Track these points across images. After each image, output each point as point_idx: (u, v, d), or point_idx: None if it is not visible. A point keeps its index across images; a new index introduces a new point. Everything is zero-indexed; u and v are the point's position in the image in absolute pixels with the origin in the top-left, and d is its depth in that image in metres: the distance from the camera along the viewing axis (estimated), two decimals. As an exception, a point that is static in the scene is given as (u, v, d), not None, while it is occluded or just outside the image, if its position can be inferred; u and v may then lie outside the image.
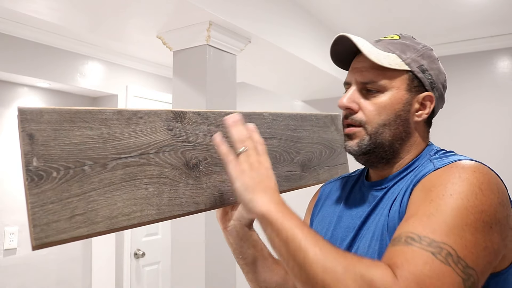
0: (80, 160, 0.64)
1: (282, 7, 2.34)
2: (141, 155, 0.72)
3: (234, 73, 2.12)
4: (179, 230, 1.99)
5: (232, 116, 0.78)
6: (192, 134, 0.82)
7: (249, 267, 0.94)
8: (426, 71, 0.82)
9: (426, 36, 2.92)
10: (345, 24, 2.77)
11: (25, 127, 0.60)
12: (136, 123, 0.73)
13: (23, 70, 2.57)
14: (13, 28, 2.48)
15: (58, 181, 0.61)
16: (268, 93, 3.59)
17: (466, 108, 2.97)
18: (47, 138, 0.61)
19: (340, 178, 1.02)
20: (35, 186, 0.59)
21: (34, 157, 0.59)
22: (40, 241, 0.58)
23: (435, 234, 0.61)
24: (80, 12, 1.90)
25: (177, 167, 0.78)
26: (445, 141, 2.92)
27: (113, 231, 0.67)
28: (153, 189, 0.73)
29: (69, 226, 0.61)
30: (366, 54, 0.78)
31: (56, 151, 0.62)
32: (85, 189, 0.64)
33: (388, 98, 0.80)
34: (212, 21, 1.89)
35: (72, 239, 0.62)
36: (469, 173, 0.67)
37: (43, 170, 0.60)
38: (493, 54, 2.92)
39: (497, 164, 1.66)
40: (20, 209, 2.74)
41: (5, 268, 2.63)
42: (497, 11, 2.52)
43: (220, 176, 0.85)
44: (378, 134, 0.80)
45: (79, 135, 0.65)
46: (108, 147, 0.68)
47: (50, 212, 0.59)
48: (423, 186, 0.71)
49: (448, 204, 0.64)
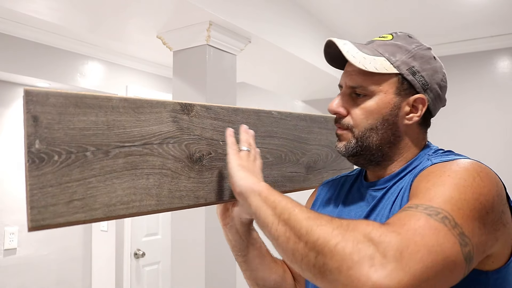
0: (83, 146, 0.63)
1: (282, 7, 2.34)
2: (144, 145, 0.72)
3: (234, 73, 2.12)
4: (179, 230, 1.99)
5: (246, 127, 0.86)
6: (198, 127, 0.81)
7: (247, 264, 0.93)
8: (417, 73, 0.80)
9: (426, 36, 2.92)
10: (345, 24, 2.77)
11: (30, 108, 0.59)
12: (142, 113, 0.72)
13: (23, 70, 2.57)
14: (13, 28, 2.48)
15: (59, 165, 0.60)
16: (268, 93, 3.59)
17: (466, 108, 2.97)
18: (51, 121, 0.61)
19: (338, 178, 1.01)
20: (36, 168, 0.58)
21: (37, 139, 0.59)
22: (36, 223, 0.58)
23: (432, 201, 0.60)
24: (80, 12, 1.90)
25: (180, 159, 0.77)
26: (445, 141, 2.92)
27: (110, 219, 0.67)
28: (154, 179, 0.72)
29: (67, 210, 0.61)
30: (350, 60, 0.78)
31: (59, 134, 0.61)
32: (85, 174, 0.63)
33: (375, 102, 0.80)
34: (212, 21, 1.89)
35: (69, 223, 0.62)
36: (465, 168, 0.67)
37: (45, 153, 0.59)
38: (493, 54, 2.92)
39: (497, 164, 1.66)
40: (20, 209, 2.74)
41: (5, 268, 2.63)
42: (497, 11, 2.52)
43: (222, 172, 0.85)
44: (365, 137, 0.81)
45: (83, 120, 0.64)
46: (112, 134, 0.68)
47: (48, 195, 0.59)
48: (421, 176, 0.71)
49: (446, 181, 0.64)
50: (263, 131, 0.95)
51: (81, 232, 3.14)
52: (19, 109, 2.80)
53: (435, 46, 3.03)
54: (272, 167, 0.96)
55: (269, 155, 0.96)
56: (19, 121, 2.78)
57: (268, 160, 0.96)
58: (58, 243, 2.95)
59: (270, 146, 0.96)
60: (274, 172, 0.97)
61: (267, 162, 0.95)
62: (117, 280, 3.11)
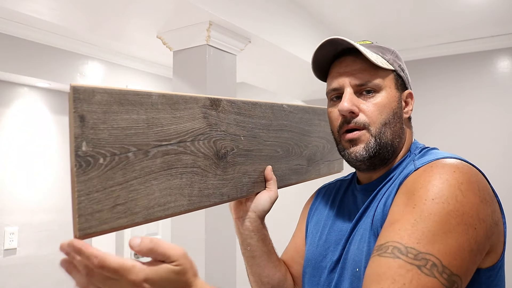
0: (125, 146, 0.60)
1: (282, 7, 2.34)
2: (179, 143, 0.69)
3: (234, 73, 2.12)
4: (179, 229, 1.99)
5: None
6: (224, 123, 0.80)
7: (254, 260, 0.94)
8: (404, 70, 0.85)
9: (427, 36, 2.92)
10: (344, 24, 2.77)
11: (78, 107, 0.54)
12: (178, 109, 0.70)
13: (23, 70, 2.57)
14: (13, 28, 2.48)
15: (104, 168, 0.57)
16: (268, 93, 3.59)
17: (465, 108, 2.96)
18: (97, 121, 0.57)
19: (334, 182, 1.03)
20: (83, 173, 0.54)
21: (84, 141, 0.55)
22: (83, 232, 0.55)
23: (420, 244, 0.62)
24: (80, 12, 1.90)
25: (209, 156, 0.75)
26: (444, 142, 2.92)
27: (149, 222, 0.64)
28: (186, 178, 0.70)
29: (111, 216, 0.58)
30: (366, 54, 0.79)
31: (104, 135, 0.57)
32: (127, 177, 0.60)
33: (385, 97, 0.81)
34: (212, 21, 1.89)
35: (112, 229, 0.59)
36: (448, 173, 0.68)
37: (91, 156, 0.55)
38: (493, 54, 2.92)
39: (497, 165, 1.67)
40: (20, 209, 2.74)
41: (5, 268, 2.63)
42: (497, 11, 2.52)
43: (243, 168, 0.84)
44: (382, 134, 0.80)
45: (126, 119, 0.61)
46: (151, 133, 0.65)
47: (94, 202, 0.55)
48: (406, 188, 0.71)
49: (430, 210, 0.64)
50: (276, 125, 0.95)
51: (81, 232, 3.14)
52: (20, 109, 2.80)
53: (435, 46, 3.04)
54: (281, 160, 0.96)
55: (280, 149, 0.96)
56: (19, 121, 2.78)
57: (279, 153, 0.95)
58: (58, 243, 2.94)
59: (280, 140, 0.96)
60: (283, 165, 0.97)
61: (277, 155, 0.95)
62: (117, 280, 3.11)
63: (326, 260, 0.86)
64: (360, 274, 0.74)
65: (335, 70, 0.85)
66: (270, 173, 0.91)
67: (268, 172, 0.91)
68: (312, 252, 0.91)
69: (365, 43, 0.87)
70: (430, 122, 3.01)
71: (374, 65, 0.80)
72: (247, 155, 0.85)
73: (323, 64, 0.88)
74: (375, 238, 0.73)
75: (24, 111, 2.83)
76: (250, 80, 3.12)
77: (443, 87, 3.02)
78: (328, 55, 0.86)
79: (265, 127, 0.92)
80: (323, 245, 0.89)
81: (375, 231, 0.74)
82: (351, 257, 0.79)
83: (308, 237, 0.97)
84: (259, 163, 0.89)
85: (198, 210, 0.75)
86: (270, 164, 0.92)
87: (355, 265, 0.76)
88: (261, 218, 0.91)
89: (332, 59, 0.87)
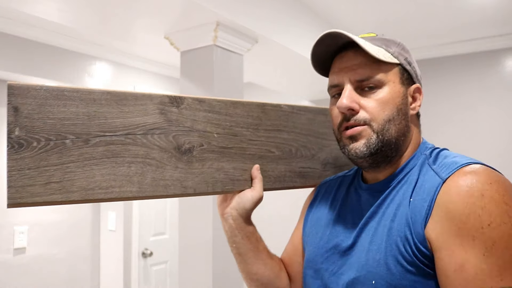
0: (61, 134, 0.69)
1: (288, 7, 2.34)
2: (127, 135, 0.75)
3: (241, 73, 2.12)
4: (186, 229, 2.00)
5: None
6: (188, 119, 0.83)
7: (241, 257, 0.93)
8: (411, 63, 0.81)
9: (433, 35, 2.90)
10: (351, 24, 2.76)
11: (11, 100, 0.66)
12: (126, 105, 0.76)
13: (32, 71, 2.59)
14: (21, 29, 2.50)
15: (37, 150, 0.67)
16: (275, 93, 3.59)
17: (471, 109, 2.93)
18: (31, 111, 0.67)
19: (335, 178, 0.99)
20: (15, 152, 0.65)
21: (17, 127, 0.65)
22: (13, 201, 0.64)
23: (504, 280, 0.61)
24: (88, 13, 1.91)
25: (167, 150, 0.79)
26: (451, 143, 2.90)
27: (88, 202, 0.71)
28: (136, 168, 0.75)
29: (44, 191, 0.67)
30: (365, 47, 0.74)
31: (39, 123, 0.67)
32: (63, 160, 0.69)
33: (387, 92, 0.77)
34: (219, 22, 1.89)
35: (46, 203, 0.67)
36: (487, 187, 0.65)
37: (24, 139, 0.66)
38: (500, 54, 2.89)
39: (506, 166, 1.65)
40: (30, 209, 2.77)
41: (15, 267, 2.66)
42: (505, 9, 2.49)
43: (216, 164, 0.86)
44: (385, 130, 0.76)
45: (63, 111, 0.70)
46: (93, 124, 0.72)
47: (26, 177, 0.65)
48: (448, 212, 0.67)
49: (493, 238, 0.63)
50: (269, 125, 0.94)
51: (89, 232, 3.16)
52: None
53: (439, 45, 3.02)
54: (279, 161, 0.95)
55: (275, 149, 0.95)
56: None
57: (274, 154, 0.95)
58: (67, 243, 2.98)
59: (277, 140, 0.95)
60: (281, 166, 0.96)
61: (272, 156, 0.94)
62: (125, 280, 3.12)
63: (328, 263, 0.83)
64: (376, 286, 0.71)
65: (336, 66, 0.81)
66: (255, 171, 0.90)
67: (254, 171, 0.90)
68: (313, 253, 0.88)
69: (370, 35, 0.83)
70: (437, 122, 2.99)
71: (376, 59, 0.76)
72: (223, 152, 0.87)
73: (324, 59, 0.84)
74: (397, 251, 0.70)
75: (33, 111, 2.85)
76: (257, 80, 3.12)
77: (450, 87, 3.00)
78: (329, 50, 0.82)
79: (252, 126, 0.92)
80: (324, 246, 0.85)
81: (397, 246, 0.71)
82: (362, 267, 0.75)
83: (308, 236, 0.94)
84: (242, 161, 0.90)
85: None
86: (260, 164, 0.92)
87: (370, 276, 0.72)
88: (244, 216, 0.89)
89: (334, 54, 0.83)
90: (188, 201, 1.99)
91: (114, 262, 3.15)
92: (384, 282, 0.70)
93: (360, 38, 0.80)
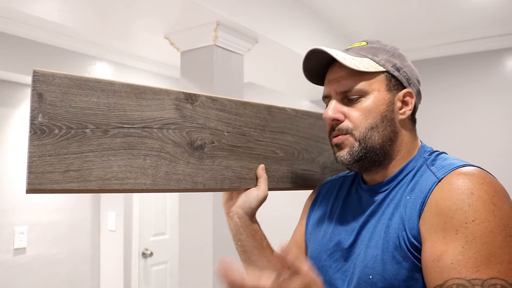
0: (82, 123, 0.69)
1: (289, 7, 2.34)
2: (144, 128, 0.76)
3: (241, 73, 2.12)
4: (186, 230, 2.00)
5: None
6: (201, 117, 0.85)
7: (246, 254, 0.95)
8: (401, 69, 0.84)
9: (433, 35, 2.90)
10: (351, 24, 2.76)
11: (36, 86, 0.66)
12: (144, 98, 0.77)
13: (32, 71, 2.59)
14: (21, 29, 2.50)
15: (58, 138, 0.67)
16: (275, 93, 3.58)
17: (472, 110, 2.93)
18: (55, 99, 0.67)
19: (337, 178, 1.02)
20: (37, 138, 0.65)
21: (40, 113, 0.66)
22: (32, 187, 0.64)
23: (479, 272, 0.63)
24: (88, 13, 1.91)
25: (180, 145, 0.81)
26: (451, 143, 2.90)
27: (104, 191, 0.72)
28: (151, 161, 0.76)
29: (62, 179, 0.67)
30: (342, 61, 0.79)
31: (61, 111, 0.68)
32: (83, 149, 0.69)
33: (371, 101, 0.80)
34: (219, 22, 1.89)
35: (64, 190, 0.67)
36: (477, 187, 0.68)
37: (46, 126, 0.66)
38: (500, 54, 2.89)
39: (506, 166, 1.65)
40: (30, 209, 2.77)
41: (15, 267, 2.66)
42: (505, 9, 2.49)
43: (225, 161, 0.87)
44: (367, 138, 0.80)
45: (85, 100, 0.70)
46: (112, 115, 0.73)
47: (46, 164, 0.65)
48: (437, 208, 0.70)
49: (475, 233, 0.65)
50: (274, 127, 0.97)
51: (89, 232, 3.16)
52: (28, 109, 2.82)
53: (441, 45, 3.01)
54: (282, 162, 0.98)
55: (280, 151, 0.98)
56: (28, 121, 2.80)
57: (278, 155, 0.97)
58: (67, 243, 2.98)
59: (281, 142, 0.98)
60: (284, 167, 0.98)
61: (276, 157, 0.97)
62: (125, 280, 3.12)
63: (331, 261, 0.86)
64: (373, 281, 0.74)
65: (327, 77, 0.87)
66: (260, 171, 0.93)
67: (259, 170, 0.93)
68: (317, 250, 0.91)
69: (359, 45, 0.87)
70: (436, 122, 2.99)
71: (357, 70, 0.80)
72: (232, 150, 0.89)
73: (318, 71, 0.89)
74: (392, 247, 0.73)
75: (33, 111, 2.85)
76: (257, 80, 3.12)
77: (450, 87, 3.00)
78: (322, 62, 0.87)
79: (259, 127, 0.95)
80: (326, 244, 0.88)
81: (393, 242, 0.74)
82: (361, 262, 0.78)
83: (311, 234, 0.97)
84: (249, 161, 0.92)
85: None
86: (265, 164, 0.94)
87: (368, 272, 0.75)
88: (249, 214, 0.92)
89: (328, 64, 0.88)
90: (188, 201, 1.99)
91: (114, 262, 3.15)
92: (380, 277, 0.73)
93: (347, 50, 0.86)
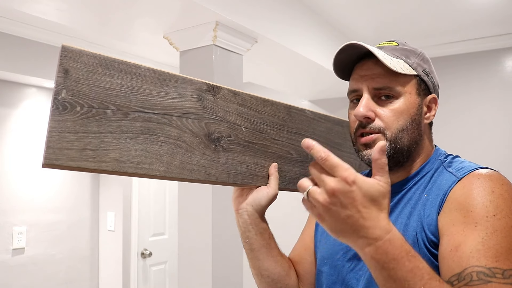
0: (104, 103, 0.69)
1: (288, 7, 2.34)
2: (164, 115, 0.76)
3: (241, 73, 2.12)
4: (185, 230, 2.00)
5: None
6: (221, 109, 0.85)
7: (253, 253, 0.95)
8: (429, 74, 0.85)
9: (433, 35, 2.90)
10: (351, 24, 2.76)
11: (63, 62, 0.66)
12: (168, 85, 0.77)
13: (31, 71, 2.59)
14: (20, 29, 2.50)
15: (79, 116, 0.67)
16: (275, 93, 3.58)
17: (471, 109, 2.93)
18: (80, 76, 0.67)
19: None
20: (58, 114, 0.65)
21: (64, 89, 0.65)
22: (49, 161, 0.64)
23: (499, 262, 0.63)
24: (87, 13, 1.91)
25: (198, 135, 0.80)
26: (452, 144, 2.89)
27: (118, 174, 0.71)
28: (167, 148, 0.76)
29: (79, 156, 0.66)
30: (382, 60, 0.79)
31: (85, 89, 0.67)
32: (102, 129, 0.69)
33: (403, 103, 0.81)
34: (218, 21, 1.89)
35: (79, 168, 0.67)
36: (498, 187, 0.70)
37: (68, 102, 0.66)
38: (500, 54, 2.89)
39: (506, 167, 1.65)
40: (29, 209, 2.77)
41: (13, 267, 2.65)
42: (505, 9, 2.49)
43: (239, 156, 0.87)
44: (398, 139, 0.80)
45: (110, 81, 0.70)
46: (134, 99, 0.73)
47: (65, 140, 0.65)
48: (458, 204, 0.71)
49: (495, 227, 0.66)
50: (291, 127, 0.97)
51: (88, 232, 3.15)
52: (28, 109, 2.82)
53: (442, 45, 3.01)
54: (295, 164, 0.98)
55: (294, 152, 0.98)
56: (28, 121, 2.80)
57: (292, 156, 0.97)
58: (66, 243, 2.97)
59: (296, 143, 0.98)
60: (296, 169, 0.98)
61: (290, 157, 0.97)
62: (124, 280, 3.12)
63: (345, 260, 0.86)
64: None
65: (356, 73, 0.86)
66: (272, 169, 0.92)
67: (271, 168, 0.92)
68: (329, 251, 0.91)
69: (391, 44, 0.87)
70: (436, 121, 2.97)
71: (394, 71, 0.80)
72: (248, 146, 0.89)
73: (346, 64, 0.88)
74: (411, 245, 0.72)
75: (32, 111, 2.85)
76: (257, 80, 3.12)
77: (450, 87, 2.99)
78: (351, 57, 0.86)
79: (276, 126, 0.94)
80: (340, 243, 0.88)
81: (412, 241, 0.74)
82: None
83: (322, 235, 0.97)
84: (263, 158, 0.92)
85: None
86: (278, 163, 0.94)
87: None
88: (259, 212, 0.91)
89: (356, 61, 0.87)
90: (188, 201, 1.99)
91: (113, 263, 3.15)
92: None
93: (380, 47, 0.85)
